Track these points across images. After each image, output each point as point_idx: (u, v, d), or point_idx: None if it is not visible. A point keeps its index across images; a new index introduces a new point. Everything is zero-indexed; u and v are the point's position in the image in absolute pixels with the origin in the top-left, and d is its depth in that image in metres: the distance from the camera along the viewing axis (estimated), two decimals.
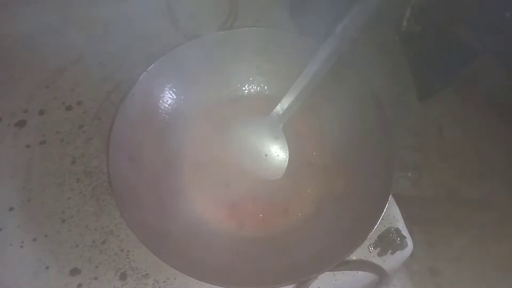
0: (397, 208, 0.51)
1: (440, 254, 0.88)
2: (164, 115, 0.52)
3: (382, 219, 0.42)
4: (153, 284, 0.46)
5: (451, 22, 0.87)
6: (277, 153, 0.51)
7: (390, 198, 0.48)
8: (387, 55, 0.91)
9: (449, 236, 0.89)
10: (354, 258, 0.47)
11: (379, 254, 0.48)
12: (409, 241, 0.48)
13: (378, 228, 0.48)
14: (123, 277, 0.47)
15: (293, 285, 0.43)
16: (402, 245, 0.48)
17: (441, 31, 0.87)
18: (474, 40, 0.87)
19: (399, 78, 0.93)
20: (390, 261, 0.47)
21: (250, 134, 0.52)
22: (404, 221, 0.50)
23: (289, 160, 0.51)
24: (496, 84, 0.95)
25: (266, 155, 0.52)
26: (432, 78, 0.90)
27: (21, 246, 0.49)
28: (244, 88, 0.57)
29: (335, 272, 0.47)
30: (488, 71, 0.93)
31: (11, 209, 0.51)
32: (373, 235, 0.48)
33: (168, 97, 0.53)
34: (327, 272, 0.46)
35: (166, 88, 0.52)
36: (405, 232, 0.49)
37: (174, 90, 0.53)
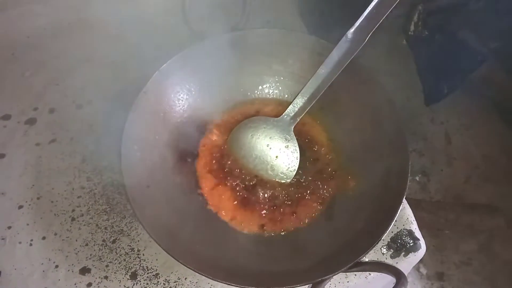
0: (410, 210, 0.50)
1: (448, 259, 0.88)
2: (176, 114, 0.52)
3: (395, 221, 0.41)
4: (164, 283, 0.46)
5: (458, 28, 0.88)
6: (288, 154, 0.51)
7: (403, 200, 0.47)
8: (394, 59, 0.91)
9: (456, 241, 0.89)
10: (367, 259, 0.47)
11: (392, 256, 0.47)
12: (422, 243, 0.48)
13: (391, 229, 0.48)
14: (133, 276, 0.46)
15: (307, 286, 0.42)
16: (415, 247, 0.47)
17: (448, 36, 0.87)
18: (481, 45, 0.87)
19: (406, 82, 0.94)
20: (403, 263, 0.47)
21: (261, 135, 0.52)
22: None
23: (299, 161, 0.51)
24: (503, 89, 0.95)
25: (277, 156, 0.51)
26: (440, 82, 0.90)
27: (30, 245, 0.48)
28: (256, 89, 0.57)
29: (347, 273, 0.46)
30: (495, 76, 0.93)
31: (20, 207, 0.51)
32: (385, 237, 0.48)
33: (179, 97, 0.53)
34: (340, 274, 0.45)
35: (178, 88, 0.52)
36: (418, 234, 0.48)
37: (186, 90, 0.53)
